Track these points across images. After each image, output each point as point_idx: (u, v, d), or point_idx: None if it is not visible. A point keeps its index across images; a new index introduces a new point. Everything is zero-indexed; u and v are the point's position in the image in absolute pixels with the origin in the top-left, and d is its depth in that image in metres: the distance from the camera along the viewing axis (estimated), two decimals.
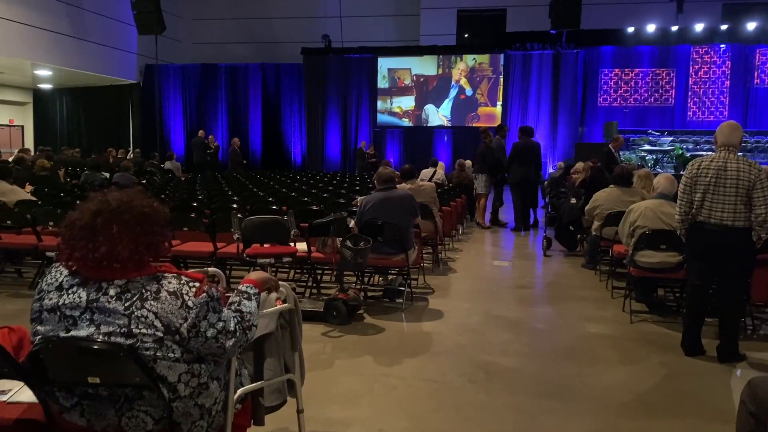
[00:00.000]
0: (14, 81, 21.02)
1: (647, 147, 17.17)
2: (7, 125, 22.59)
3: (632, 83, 19.39)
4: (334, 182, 11.90)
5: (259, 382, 2.51)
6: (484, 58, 20.43)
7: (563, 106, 19.66)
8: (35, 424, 2.19)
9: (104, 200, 2.03)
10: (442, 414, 3.47)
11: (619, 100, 19.48)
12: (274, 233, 5.30)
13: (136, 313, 1.93)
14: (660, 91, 19.24)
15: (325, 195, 8.66)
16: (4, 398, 2.31)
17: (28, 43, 16.52)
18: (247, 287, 2.30)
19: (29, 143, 22.37)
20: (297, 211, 6.10)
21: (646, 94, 19.32)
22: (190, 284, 2.02)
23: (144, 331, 1.92)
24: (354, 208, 6.09)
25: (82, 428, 2.02)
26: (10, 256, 6.57)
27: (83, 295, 1.96)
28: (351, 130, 21.49)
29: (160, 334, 1.93)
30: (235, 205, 6.80)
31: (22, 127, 23.39)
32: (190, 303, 1.98)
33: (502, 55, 20.10)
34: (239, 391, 2.32)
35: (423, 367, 4.17)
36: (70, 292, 1.98)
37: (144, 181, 11.05)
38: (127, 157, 15.43)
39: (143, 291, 1.96)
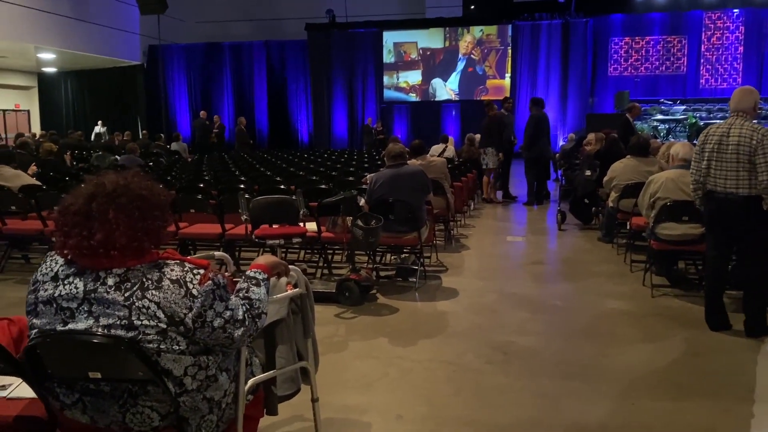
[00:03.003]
0: (18, 65, 20.87)
1: (659, 116, 16.86)
2: (13, 110, 22.49)
3: (643, 52, 19.02)
4: (342, 160, 11.74)
5: (271, 372, 2.40)
6: (491, 30, 20.08)
7: (573, 77, 19.34)
8: (37, 420, 2.08)
9: (99, 183, 1.89)
10: (462, 398, 3.34)
11: (629, 69, 19.14)
12: (282, 213, 5.16)
13: (137, 304, 1.79)
14: (671, 59, 18.87)
15: (333, 173, 8.50)
16: (4, 394, 2.21)
17: (30, 26, 16.32)
18: (255, 272, 2.16)
19: (35, 127, 22.28)
20: (305, 191, 5.96)
21: (657, 63, 18.96)
22: (194, 271, 1.88)
23: (146, 322, 1.79)
24: (364, 186, 5.94)
25: (85, 425, 1.91)
26: (17, 242, 6.47)
27: (80, 285, 1.83)
28: (357, 107, 21.25)
29: (163, 325, 1.80)
30: (242, 186, 6.65)
31: (28, 111, 23.29)
32: (194, 291, 1.84)
33: (509, 26, 19.75)
34: (250, 382, 2.20)
35: (439, 348, 4.05)
36: (66, 282, 1.85)
37: (150, 163, 10.93)
38: (124, 138, 15.25)
39: (144, 280, 1.82)
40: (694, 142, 5.31)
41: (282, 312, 2.52)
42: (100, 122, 20.34)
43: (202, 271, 1.90)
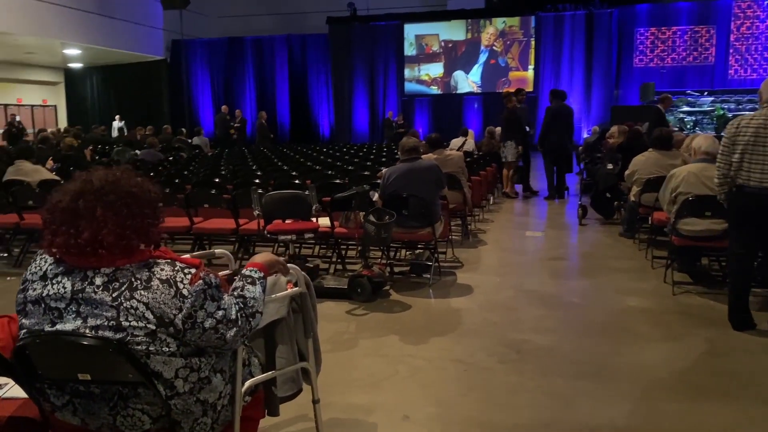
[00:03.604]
0: (45, 61, 21.15)
1: (686, 108, 16.49)
2: (41, 105, 22.84)
3: (669, 42, 18.62)
4: (360, 154, 11.67)
5: (269, 373, 2.34)
6: (514, 21, 19.84)
7: (597, 69, 19.04)
8: (30, 422, 2.05)
9: (87, 180, 1.84)
10: (471, 398, 3.26)
11: (655, 60, 18.75)
12: (295, 209, 5.11)
13: (125, 304, 1.75)
14: (699, 49, 18.44)
15: (350, 168, 8.44)
16: None
17: (56, 22, 16.50)
18: (251, 271, 2.10)
19: (62, 122, 22.60)
20: (320, 185, 5.91)
21: (684, 53, 18.54)
22: (185, 271, 1.83)
23: (134, 323, 1.74)
24: (378, 181, 5.86)
25: (77, 427, 1.87)
26: (35, 237, 6.52)
27: (68, 285, 1.78)
28: (379, 100, 21.16)
29: (152, 326, 1.75)
30: (257, 180, 6.62)
31: (55, 106, 23.63)
32: (185, 291, 1.79)
33: (533, 18, 19.50)
34: (247, 383, 2.15)
35: (450, 346, 3.96)
36: (54, 282, 1.81)
37: (170, 158, 10.99)
38: (146, 132, 15.34)
39: (132, 280, 1.77)
40: (722, 134, 5.14)
41: (282, 311, 2.47)
42: (117, 117, 20.54)
43: (193, 271, 1.84)
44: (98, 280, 1.78)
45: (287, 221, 5.26)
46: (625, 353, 3.84)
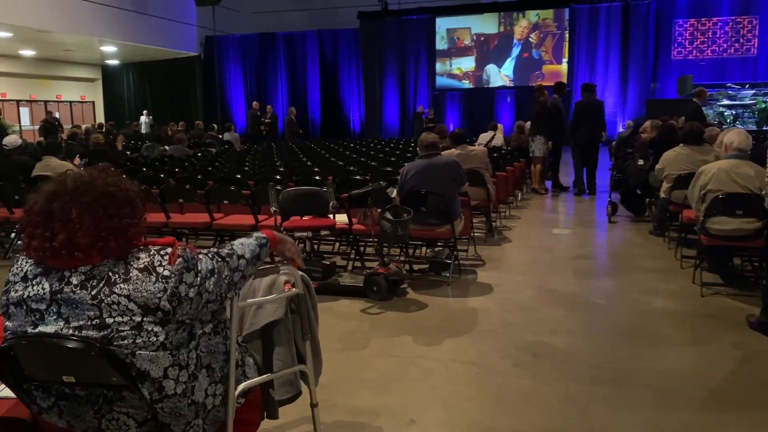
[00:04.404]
0: (83, 58, 21.60)
1: (726, 101, 15.96)
2: (80, 101, 23.34)
3: (709, 33, 18.05)
4: (387, 149, 11.56)
5: (264, 376, 2.28)
6: (547, 14, 19.49)
7: (633, 61, 18.58)
8: (22, 423, 2.03)
9: (62, 181, 1.80)
10: (481, 403, 3.16)
11: (694, 52, 18.21)
12: (311, 205, 5.06)
13: (106, 301, 1.69)
14: (741, 40, 17.83)
15: (373, 163, 8.35)
16: None
17: (93, 20, 16.80)
18: (256, 233, 2.12)
19: (100, 118, 23.05)
20: (340, 181, 5.85)
21: (725, 45, 17.96)
22: (162, 252, 1.77)
23: (119, 319, 1.69)
24: (398, 177, 5.77)
25: (64, 430, 1.85)
26: None
27: (46, 286, 1.74)
28: (409, 95, 21.03)
29: (137, 318, 1.69)
30: (278, 176, 6.60)
31: (93, 102, 24.13)
32: (166, 272, 1.73)
33: (567, 10, 19.14)
34: (240, 387, 2.09)
35: (464, 348, 3.86)
36: (34, 283, 1.77)
37: (199, 153, 11.07)
38: (178, 128, 15.52)
39: (110, 275, 1.72)
40: (765, 128, 4.90)
41: (279, 312, 2.42)
42: (145, 112, 20.87)
43: (169, 250, 1.79)
44: (75, 280, 1.73)
45: (305, 218, 5.21)
46: (647, 358, 3.69)
